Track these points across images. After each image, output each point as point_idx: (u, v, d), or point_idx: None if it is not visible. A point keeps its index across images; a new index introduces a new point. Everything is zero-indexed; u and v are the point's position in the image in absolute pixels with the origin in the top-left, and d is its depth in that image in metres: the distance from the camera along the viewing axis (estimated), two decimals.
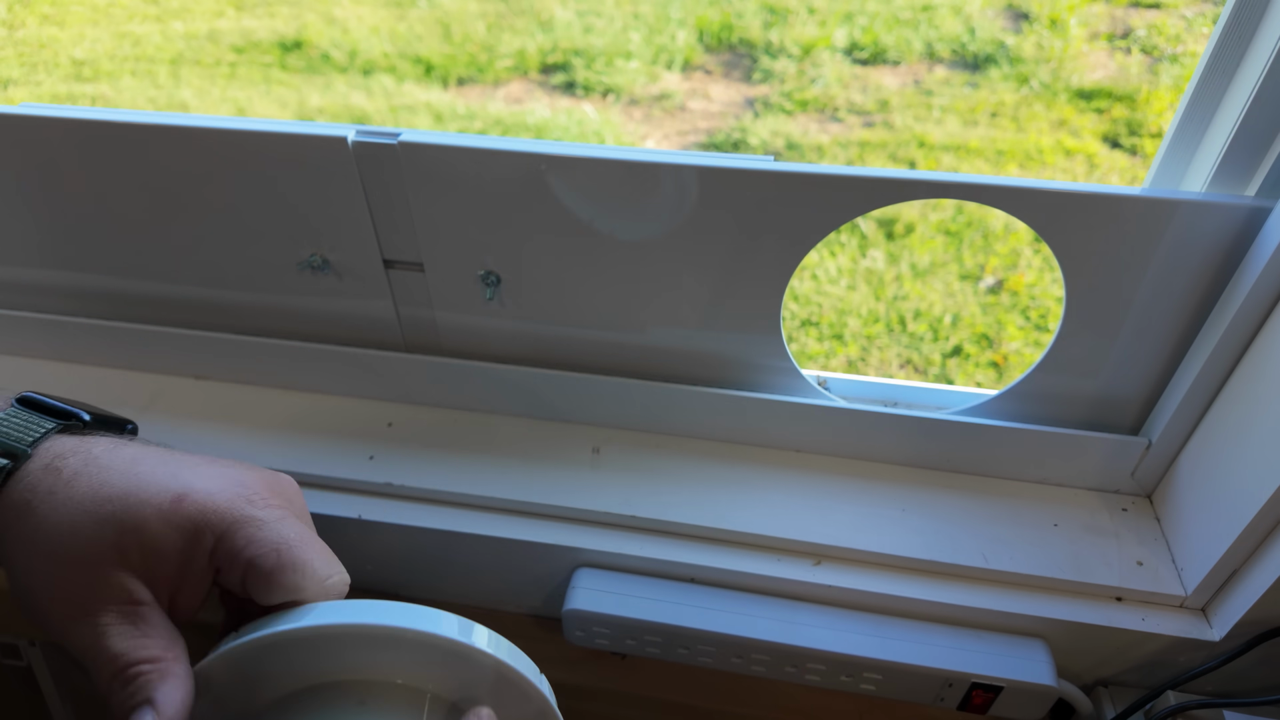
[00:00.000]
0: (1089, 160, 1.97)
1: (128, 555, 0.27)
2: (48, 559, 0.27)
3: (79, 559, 0.26)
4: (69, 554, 0.27)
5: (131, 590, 0.27)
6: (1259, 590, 0.36)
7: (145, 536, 0.27)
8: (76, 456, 0.28)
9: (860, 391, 0.48)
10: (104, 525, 0.27)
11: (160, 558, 0.27)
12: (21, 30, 2.85)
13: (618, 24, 2.63)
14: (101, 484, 0.27)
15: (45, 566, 0.27)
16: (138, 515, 0.27)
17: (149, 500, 0.27)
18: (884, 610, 0.42)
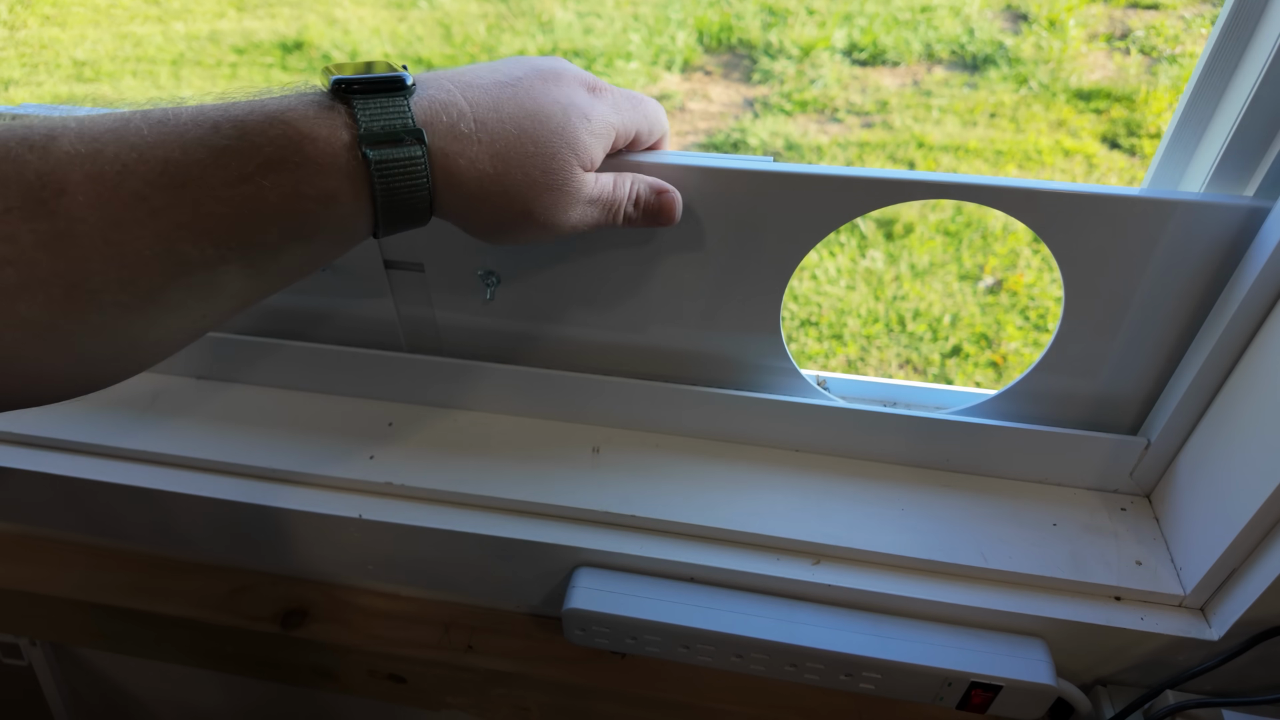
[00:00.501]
0: (1088, 161, 1.97)
1: (582, 162, 0.32)
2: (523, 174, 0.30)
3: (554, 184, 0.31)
4: (543, 182, 0.31)
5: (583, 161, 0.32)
6: (1258, 590, 0.36)
7: (586, 151, 0.32)
8: (455, 108, 0.29)
9: (859, 391, 0.48)
10: (559, 154, 0.31)
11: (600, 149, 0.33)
12: (23, 31, 2.85)
13: (617, 25, 2.64)
14: (520, 130, 0.30)
15: (525, 181, 0.30)
16: (578, 138, 0.31)
17: (573, 123, 0.31)
18: (883, 609, 0.42)
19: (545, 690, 0.50)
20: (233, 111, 0.27)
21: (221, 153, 0.26)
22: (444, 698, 0.53)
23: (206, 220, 0.26)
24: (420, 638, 0.50)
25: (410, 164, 0.28)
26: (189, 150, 0.26)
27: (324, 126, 0.27)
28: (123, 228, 0.25)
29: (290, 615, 0.52)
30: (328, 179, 0.27)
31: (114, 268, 0.25)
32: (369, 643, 0.51)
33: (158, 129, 0.26)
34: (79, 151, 0.25)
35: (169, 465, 0.48)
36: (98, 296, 0.26)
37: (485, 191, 0.30)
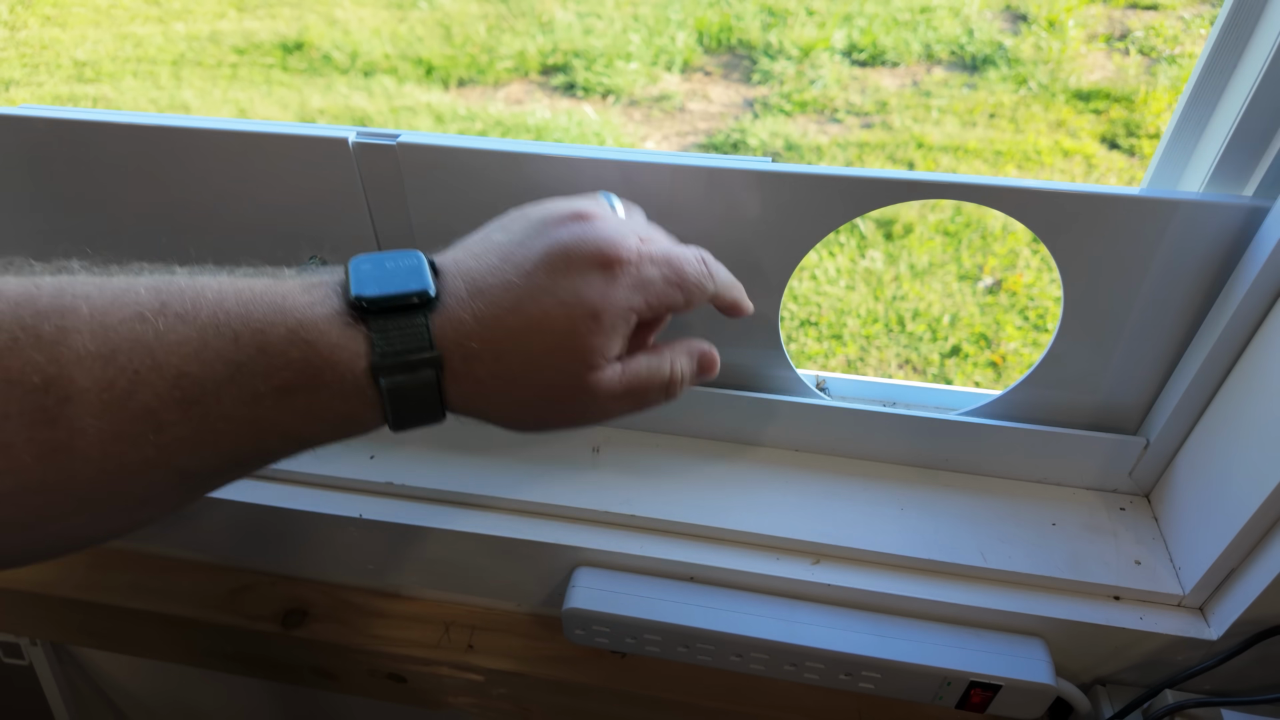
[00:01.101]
0: (1087, 161, 1.97)
1: (594, 364, 0.29)
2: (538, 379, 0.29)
3: (566, 393, 0.29)
4: (553, 395, 0.29)
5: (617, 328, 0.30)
6: (1256, 589, 0.36)
7: (598, 353, 0.29)
8: (469, 338, 0.28)
9: (859, 391, 0.49)
10: (566, 366, 0.29)
11: (626, 320, 0.30)
12: (23, 31, 2.85)
13: (617, 26, 2.64)
14: (521, 346, 0.28)
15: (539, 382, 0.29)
16: (587, 344, 0.29)
17: (579, 331, 0.29)
18: (882, 609, 0.42)
19: (545, 690, 0.50)
20: (253, 319, 0.26)
21: (239, 369, 0.25)
22: (444, 698, 0.53)
23: (212, 436, 0.25)
24: (420, 637, 0.51)
25: (423, 388, 0.27)
26: (207, 364, 0.25)
27: (343, 351, 0.26)
28: (124, 441, 0.24)
29: (290, 615, 0.52)
30: (342, 403, 0.27)
31: (107, 479, 0.24)
32: (369, 642, 0.51)
33: (176, 328, 0.25)
34: (90, 352, 0.24)
35: None
36: (84, 503, 0.25)
37: (495, 404, 0.29)
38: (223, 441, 0.26)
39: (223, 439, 0.26)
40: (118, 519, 0.26)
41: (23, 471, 0.23)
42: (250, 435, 0.26)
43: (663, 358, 0.32)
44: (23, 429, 0.23)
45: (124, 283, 0.26)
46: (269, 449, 0.27)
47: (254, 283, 0.27)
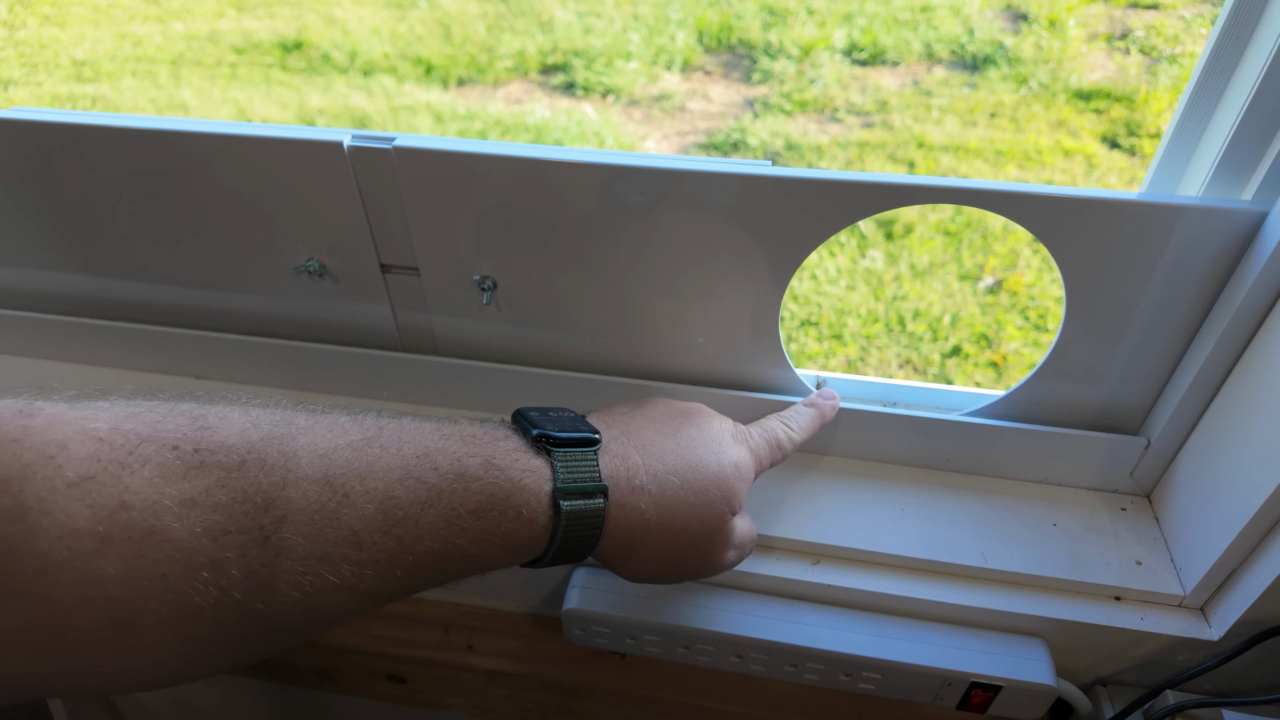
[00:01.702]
0: (1088, 161, 1.97)
1: (733, 509, 0.34)
2: (691, 539, 0.33)
3: (709, 528, 0.33)
4: (700, 529, 0.33)
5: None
6: (1257, 590, 0.36)
7: (737, 498, 0.34)
8: (640, 474, 0.32)
9: (859, 391, 0.48)
10: (715, 505, 0.33)
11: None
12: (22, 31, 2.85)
13: (617, 25, 2.64)
14: (683, 481, 0.33)
15: (693, 546, 0.33)
16: (732, 487, 0.34)
17: (727, 474, 0.34)
18: (883, 609, 0.42)
19: (545, 690, 0.50)
20: (450, 450, 0.29)
21: (440, 494, 0.27)
22: (444, 698, 0.53)
23: (406, 558, 0.27)
24: (420, 638, 0.50)
25: (593, 516, 0.30)
26: (410, 489, 0.27)
27: (531, 477, 0.29)
28: (322, 562, 0.25)
29: None
30: (523, 527, 0.29)
31: (297, 600, 0.25)
32: (369, 643, 0.51)
33: (383, 457, 0.27)
34: (307, 476, 0.25)
35: None
36: (267, 623, 0.25)
37: (647, 538, 0.32)
38: (413, 564, 0.27)
39: (413, 561, 0.27)
40: (297, 633, 0.27)
41: (224, 590, 0.24)
42: (438, 558, 0.28)
43: (749, 523, 0.37)
44: (238, 548, 0.24)
45: (334, 418, 0.29)
46: (448, 572, 0.29)
47: (442, 424, 0.30)
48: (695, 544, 0.33)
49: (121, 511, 0.22)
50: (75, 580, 0.22)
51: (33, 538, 0.21)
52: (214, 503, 0.24)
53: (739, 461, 0.35)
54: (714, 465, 0.34)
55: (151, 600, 0.23)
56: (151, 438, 0.24)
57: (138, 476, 0.23)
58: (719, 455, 0.34)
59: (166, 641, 0.23)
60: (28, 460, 0.22)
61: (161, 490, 0.23)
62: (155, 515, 0.23)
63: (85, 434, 0.23)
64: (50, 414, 0.24)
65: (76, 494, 0.22)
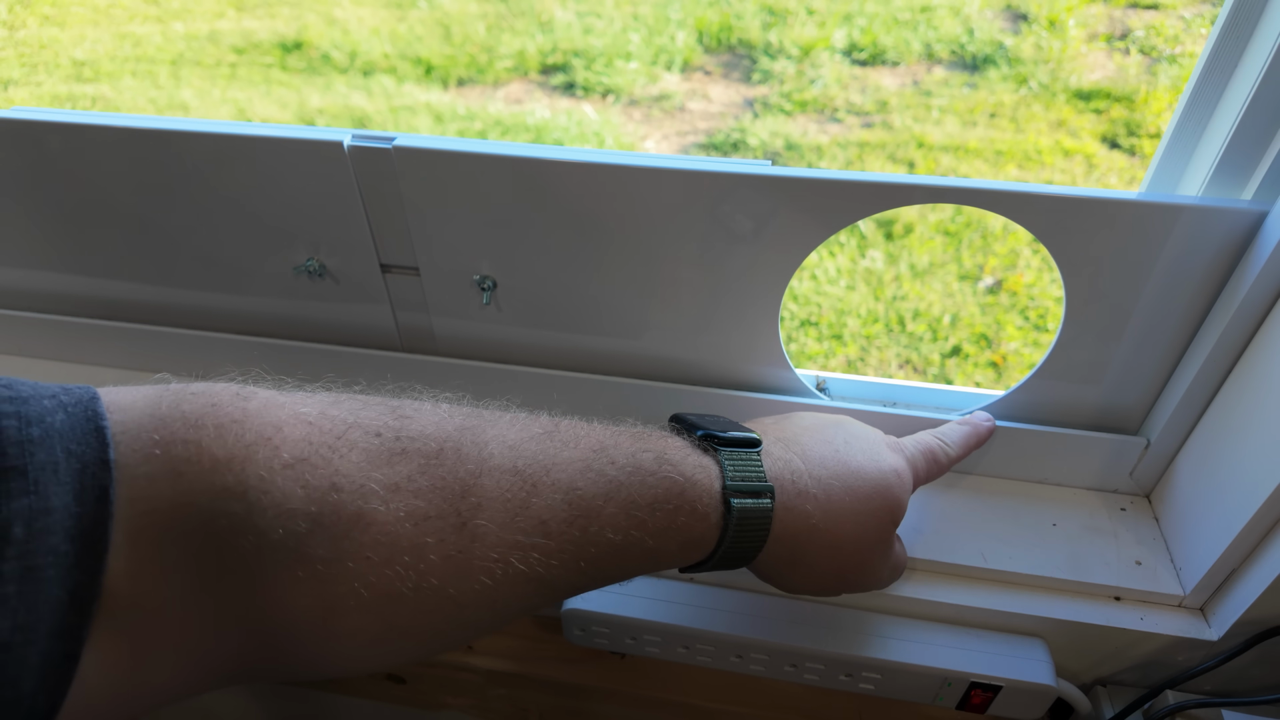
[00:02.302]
0: (1087, 161, 1.97)
1: (896, 517, 0.34)
2: (857, 549, 0.33)
3: (869, 543, 0.33)
4: (864, 542, 0.33)
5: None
6: (1257, 590, 0.36)
7: (901, 507, 0.34)
8: (804, 478, 0.32)
9: (859, 392, 0.48)
10: (879, 514, 0.33)
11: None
12: (22, 31, 2.85)
13: (617, 25, 2.64)
14: (846, 486, 0.32)
15: (860, 553, 0.33)
16: (896, 495, 0.33)
17: (889, 482, 0.33)
18: (882, 609, 0.42)
19: (545, 690, 0.50)
20: (623, 447, 0.29)
21: (619, 488, 0.28)
22: (443, 698, 0.53)
23: (590, 549, 0.27)
24: None
25: (762, 516, 0.30)
26: (592, 481, 0.27)
27: (702, 473, 0.30)
28: (513, 550, 0.26)
29: None
30: (696, 523, 0.29)
31: (487, 588, 0.25)
32: None
33: (564, 451, 0.28)
34: (499, 465, 0.26)
35: None
36: (459, 611, 0.25)
37: (814, 543, 0.32)
38: (595, 555, 0.27)
39: (596, 552, 0.27)
40: (483, 626, 0.27)
41: (428, 573, 0.24)
42: (618, 550, 0.28)
43: (901, 542, 0.38)
44: (437, 534, 0.24)
45: (515, 414, 0.30)
46: (627, 567, 0.29)
47: (609, 424, 0.31)
48: (860, 551, 0.33)
49: (332, 493, 0.23)
50: (288, 559, 0.22)
51: (252, 516, 0.22)
52: (415, 488, 0.24)
53: (899, 469, 0.34)
54: (875, 472, 0.33)
55: (356, 582, 0.23)
56: (357, 424, 0.25)
57: (346, 460, 0.24)
58: (879, 462, 0.34)
59: (369, 626, 0.24)
60: (249, 441, 0.23)
61: (368, 474, 0.24)
62: (363, 499, 0.23)
63: (298, 418, 0.24)
64: (264, 398, 0.24)
65: (292, 475, 0.23)
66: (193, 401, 0.23)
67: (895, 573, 0.37)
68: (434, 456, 0.25)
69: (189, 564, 0.22)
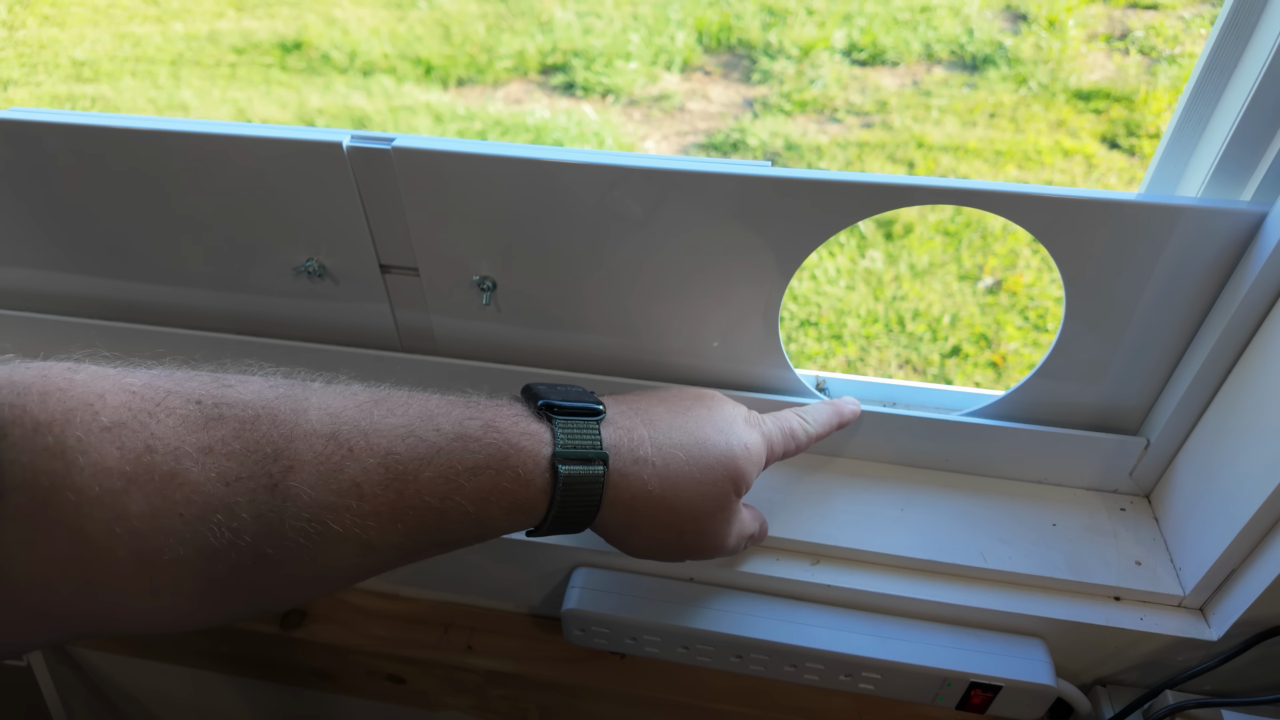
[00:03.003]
0: (1087, 161, 1.97)
1: (738, 485, 0.34)
2: (687, 516, 0.33)
3: (709, 509, 0.34)
4: (701, 506, 0.33)
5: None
6: (1257, 590, 0.36)
7: (745, 479, 0.34)
8: (644, 445, 0.33)
9: (859, 392, 0.48)
10: (721, 483, 0.34)
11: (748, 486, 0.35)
12: (22, 31, 2.85)
13: (617, 25, 2.64)
14: (689, 456, 0.33)
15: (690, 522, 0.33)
16: (740, 467, 0.34)
17: (735, 454, 0.34)
18: (882, 610, 0.42)
19: (544, 691, 0.50)
20: (453, 415, 0.30)
21: (440, 452, 0.29)
22: (443, 698, 0.53)
23: (407, 512, 0.28)
24: (419, 638, 0.50)
25: (592, 482, 0.31)
26: (412, 446, 0.28)
27: (530, 439, 0.30)
28: (326, 510, 0.27)
29: (289, 615, 0.52)
30: (521, 488, 0.30)
31: (303, 547, 0.27)
32: (368, 643, 0.50)
33: (388, 418, 0.29)
34: (315, 430, 0.27)
35: None
36: (277, 568, 0.27)
37: (649, 510, 0.32)
38: (413, 519, 0.28)
39: (414, 515, 0.28)
40: (307, 585, 0.29)
41: (235, 533, 0.26)
42: (437, 514, 0.29)
43: (755, 513, 0.39)
44: (248, 494, 0.26)
45: (347, 385, 0.31)
46: (449, 530, 0.29)
47: (451, 394, 0.32)
48: (698, 520, 0.34)
49: (146, 454, 0.25)
50: (106, 515, 0.24)
51: (70, 474, 0.24)
52: (228, 451, 0.26)
53: (749, 443, 0.35)
54: (722, 444, 0.34)
55: (171, 538, 0.25)
56: (178, 392, 0.27)
57: (163, 425, 0.25)
58: (729, 435, 0.34)
59: (187, 579, 0.25)
60: (70, 406, 0.24)
61: (183, 438, 0.25)
62: (176, 460, 0.25)
63: (121, 387, 0.26)
64: (94, 371, 0.26)
65: (109, 437, 0.24)
66: (24, 373, 0.25)
67: (744, 541, 0.37)
68: (249, 422, 0.27)
69: (19, 520, 0.23)
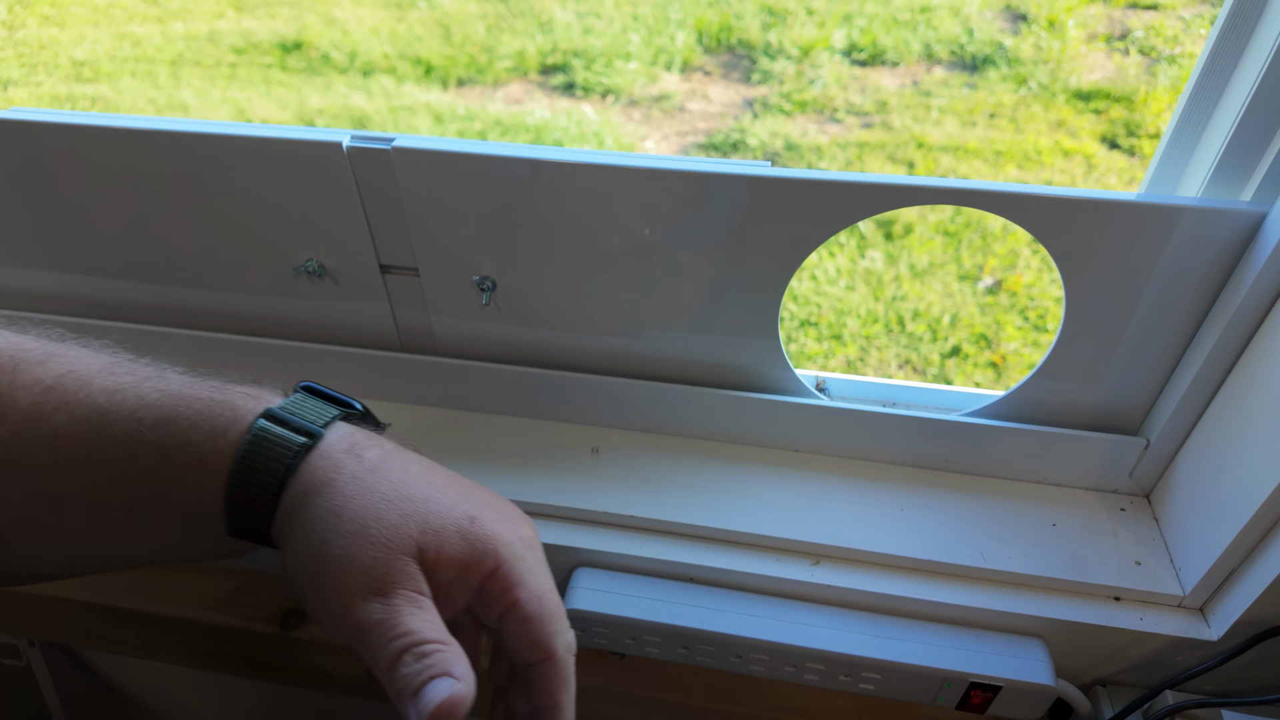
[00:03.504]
0: (1087, 161, 1.97)
1: (425, 553, 0.28)
2: (350, 536, 0.27)
3: (382, 540, 0.27)
4: (373, 533, 0.27)
5: (420, 582, 0.28)
6: (1257, 590, 0.36)
7: (443, 540, 0.28)
8: (373, 450, 0.30)
9: (859, 392, 0.48)
10: (408, 519, 0.28)
11: (447, 565, 0.28)
12: (22, 31, 2.85)
13: (617, 25, 2.64)
14: (402, 483, 0.29)
15: (345, 541, 0.27)
16: (439, 522, 0.28)
17: (448, 512, 0.29)
18: (882, 610, 0.42)
19: None
20: (198, 382, 0.30)
21: (147, 406, 0.29)
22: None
23: (91, 468, 0.28)
24: None
25: (285, 445, 0.28)
26: (122, 399, 0.29)
27: (248, 400, 0.29)
28: (21, 457, 0.28)
29: (289, 616, 0.52)
30: (211, 441, 0.28)
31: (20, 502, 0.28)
32: None
33: (130, 375, 0.30)
34: (41, 380, 0.29)
35: None
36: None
37: (328, 501, 0.28)
38: (102, 475, 0.28)
39: (103, 472, 0.28)
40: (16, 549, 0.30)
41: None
42: (121, 479, 0.29)
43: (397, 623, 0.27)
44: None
45: (111, 351, 0.31)
46: (134, 502, 0.29)
47: (195, 372, 0.31)
48: (353, 556, 0.27)
49: None
50: None
51: None
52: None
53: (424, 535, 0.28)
54: (453, 496, 0.29)
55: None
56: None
57: None
58: (444, 515, 0.28)
59: None
60: None
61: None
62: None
63: None
64: None
65: None
66: None
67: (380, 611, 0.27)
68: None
69: None
